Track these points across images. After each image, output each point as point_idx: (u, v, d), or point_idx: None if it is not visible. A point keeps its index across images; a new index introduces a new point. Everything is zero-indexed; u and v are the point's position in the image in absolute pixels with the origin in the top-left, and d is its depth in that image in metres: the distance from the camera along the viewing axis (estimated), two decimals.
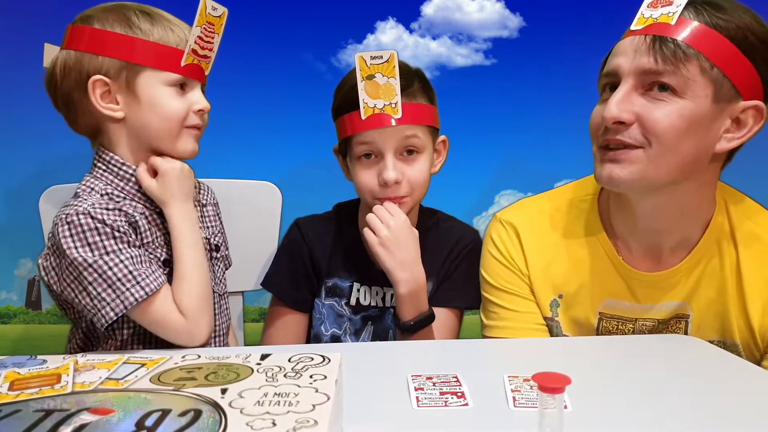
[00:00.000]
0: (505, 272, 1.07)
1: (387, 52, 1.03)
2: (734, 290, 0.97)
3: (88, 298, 0.88)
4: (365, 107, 1.04)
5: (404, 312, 1.07)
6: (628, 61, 0.89)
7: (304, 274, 1.18)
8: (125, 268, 0.88)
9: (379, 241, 1.05)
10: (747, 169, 1.03)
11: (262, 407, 0.52)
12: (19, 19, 1.40)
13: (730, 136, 0.91)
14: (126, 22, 0.94)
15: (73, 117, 0.99)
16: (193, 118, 0.99)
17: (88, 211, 0.89)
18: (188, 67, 0.97)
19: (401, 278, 1.05)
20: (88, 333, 1.00)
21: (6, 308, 1.53)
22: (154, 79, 0.95)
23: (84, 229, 0.88)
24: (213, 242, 1.07)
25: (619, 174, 0.91)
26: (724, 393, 0.75)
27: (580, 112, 1.00)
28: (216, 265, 1.08)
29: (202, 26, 0.95)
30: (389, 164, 1.05)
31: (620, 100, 0.89)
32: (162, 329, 0.91)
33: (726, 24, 0.86)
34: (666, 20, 0.87)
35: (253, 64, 1.50)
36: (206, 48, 0.98)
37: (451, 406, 0.69)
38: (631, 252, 1.02)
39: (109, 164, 0.98)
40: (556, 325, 1.05)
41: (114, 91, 0.95)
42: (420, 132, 1.07)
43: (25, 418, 0.51)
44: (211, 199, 1.13)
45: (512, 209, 1.12)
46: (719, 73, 0.86)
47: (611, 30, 0.98)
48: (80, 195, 0.95)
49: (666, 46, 0.86)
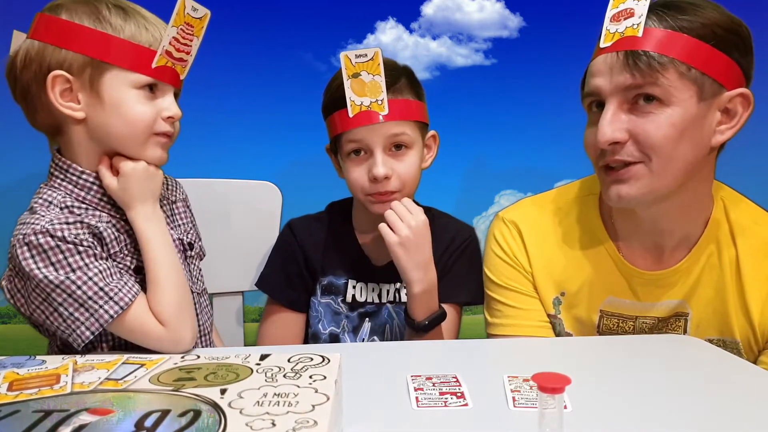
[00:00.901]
0: (508, 270, 1.07)
1: (371, 50, 1.04)
2: (733, 287, 0.98)
3: (60, 319, 0.83)
4: (352, 105, 1.05)
5: (417, 312, 1.07)
6: (606, 80, 0.90)
7: (298, 274, 1.18)
8: (95, 285, 0.83)
9: (399, 241, 1.04)
10: (747, 169, 1.03)
11: (262, 407, 0.52)
12: (18, 16, 1.40)
13: (724, 128, 0.91)
14: (96, 16, 0.87)
15: (31, 112, 0.92)
16: (162, 125, 0.91)
17: (47, 228, 0.83)
18: (160, 70, 0.89)
19: (416, 278, 1.05)
20: (66, 349, 0.95)
21: (6, 308, 1.53)
22: (121, 80, 0.88)
23: (44, 249, 0.82)
24: (186, 240, 1.03)
25: (628, 192, 0.91)
26: (724, 393, 0.75)
27: (580, 112, 1.00)
28: (191, 264, 1.04)
29: (179, 26, 0.89)
30: (378, 160, 1.06)
31: (610, 121, 0.89)
32: (143, 340, 0.87)
33: (690, 25, 0.87)
34: (632, 33, 0.87)
35: (253, 64, 1.50)
36: (182, 50, 0.91)
37: (450, 407, 0.68)
38: (633, 250, 1.02)
39: (67, 173, 0.91)
40: (559, 322, 1.06)
41: (76, 89, 0.88)
42: (408, 128, 1.08)
43: (24, 418, 0.51)
44: (180, 195, 1.08)
45: (515, 208, 1.13)
46: (698, 73, 0.87)
47: None
48: (37, 210, 0.87)
49: (639, 59, 0.86)
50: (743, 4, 0.93)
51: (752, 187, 1.06)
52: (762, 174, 1.47)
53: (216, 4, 0.95)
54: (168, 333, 0.86)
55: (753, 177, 1.33)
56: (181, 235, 1.02)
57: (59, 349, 0.97)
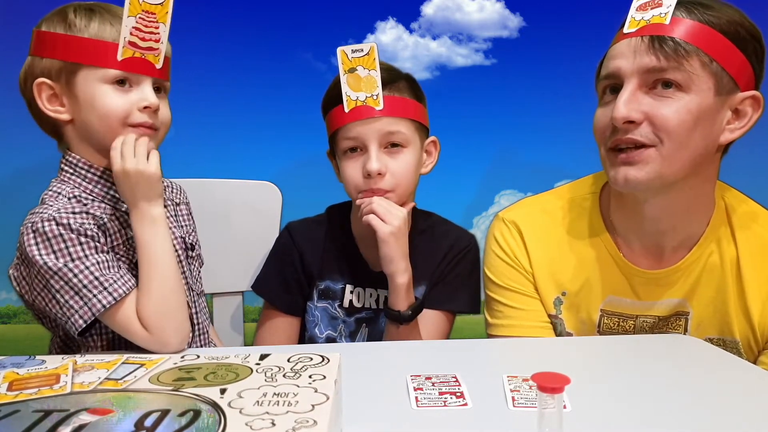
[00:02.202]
0: (509, 271, 1.07)
1: (367, 45, 1.05)
2: (734, 287, 0.98)
3: (57, 306, 0.86)
4: (348, 100, 1.06)
5: (400, 302, 1.07)
6: (629, 62, 0.90)
7: (295, 278, 1.18)
8: (91, 274, 0.85)
9: (392, 230, 1.05)
10: (747, 169, 1.03)
11: (262, 407, 0.52)
12: (16, 18, 1.40)
13: (732, 127, 0.93)
14: (65, 21, 0.91)
15: (38, 121, 0.97)
16: (139, 116, 0.92)
17: (54, 216, 0.86)
18: (128, 62, 0.90)
19: (402, 268, 1.06)
20: (67, 341, 0.98)
21: (6, 308, 1.53)
22: (91, 77, 0.90)
23: (49, 237, 0.86)
24: (188, 241, 1.05)
25: (636, 175, 0.91)
26: (724, 393, 0.75)
27: (580, 112, 1.00)
28: (192, 264, 1.06)
29: (136, 16, 0.89)
30: (373, 155, 1.06)
31: (627, 100, 0.89)
32: (129, 336, 0.88)
33: (718, 20, 0.89)
34: (659, 21, 0.89)
35: (253, 64, 1.50)
36: (149, 39, 0.91)
37: (450, 406, 0.69)
38: (633, 249, 1.02)
39: (76, 167, 0.95)
40: (560, 322, 1.06)
41: (59, 94, 0.93)
42: (403, 126, 1.08)
43: (24, 418, 0.51)
44: (183, 198, 1.11)
45: (515, 208, 1.13)
46: (718, 67, 0.88)
47: (611, 30, 0.98)
48: (46, 201, 0.92)
49: (665, 44, 0.88)
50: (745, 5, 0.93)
51: (752, 187, 1.06)
52: (762, 174, 1.47)
53: (216, 5, 0.95)
54: (151, 336, 0.87)
55: (753, 177, 1.33)
56: (183, 235, 1.04)
57: (60, 344, 0.99)
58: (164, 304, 0.88)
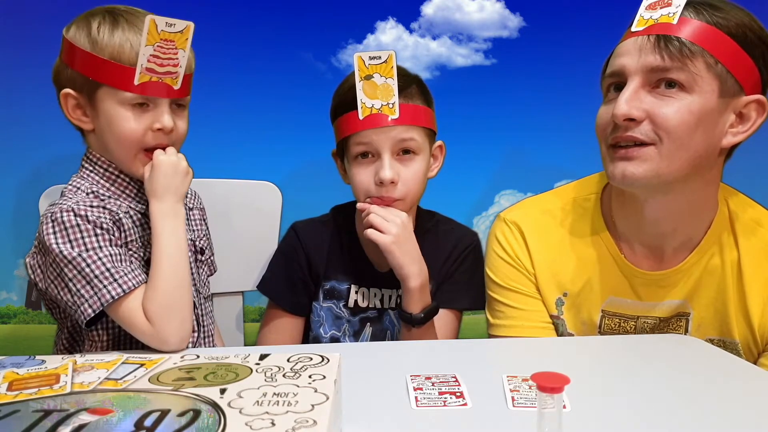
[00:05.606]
0: (511, 271, 1.07)
1: (385, 53, 1.03)
2: (734, 289, 0.98)
3: (69, 294, 0.88)
4: (363, 107, 1.04)
5: (413, 306, 1.07)
6: (634, 60, 0.90)
7: (301, 279, 1.18)
8: (103, 265, 0.87)
9: (393, 240, 1.04)
10: (747, 169, 1.03)
11: (261, 407, 0.52)
12: (19, 18, 1.40)
13: (735, 131, 0.92)
14: (88, 32, 0.92)
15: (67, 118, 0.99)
16: (152, 137, 0.95)
17: (72, 208, 0.90)
18: (145, 85, 0.92)
19: (413, 272, 1.06)
20: (74, 333, 1.00)
21: (6, 308, 1.53)
22: (111, 97, 0.93)
23: (67, 226, 0.88)
24: (198, 245, 1.07)
25: (633, 172, 0.91)
26: (724, 393, 0.75)
27: (580, 112, 1.00)
28: (201, 268, 1.07)
29: (154, 45, 0.90)
30: (386, 163, 1.06)
31: (629, 98, 0.90)
32: (132, 329, 0.89)
33: (726, 22, 0.88)
34: (667, 20, 0.89)
35: (253, 64, 1.50)
36: (167, 65, 0.92)
37: (449, 406, 0.69)
38: (634, 250, 1.02)
39: (96, 165, 0.98)
40: (562, 323, 1.06)
41: (83, 105, 0.95)
42: (417, 134, 1.08)
43: (24, 418, 0.51)
44: (198, 204, 1.12)
45: (516, 209, 1.13)
46: (723, 69, 0.88)
47: (611, 30, 0.98)
48: (66, 194, 0.95)
49: (671, 43, 0.88)
50: None
51: (753, 187, 1.06)
52: (763, 174, 1.47)
53: (216, 5, 0.94)
54: (153, 330, 0.87)
55: (755, 177, 1.33)
56: (194, 238, 1.05)
57: (67, 337, 1.00)
58: (171, 297, 0.89)
